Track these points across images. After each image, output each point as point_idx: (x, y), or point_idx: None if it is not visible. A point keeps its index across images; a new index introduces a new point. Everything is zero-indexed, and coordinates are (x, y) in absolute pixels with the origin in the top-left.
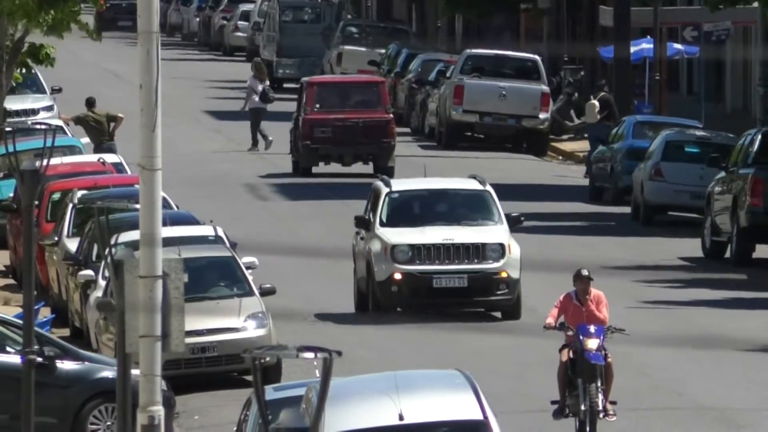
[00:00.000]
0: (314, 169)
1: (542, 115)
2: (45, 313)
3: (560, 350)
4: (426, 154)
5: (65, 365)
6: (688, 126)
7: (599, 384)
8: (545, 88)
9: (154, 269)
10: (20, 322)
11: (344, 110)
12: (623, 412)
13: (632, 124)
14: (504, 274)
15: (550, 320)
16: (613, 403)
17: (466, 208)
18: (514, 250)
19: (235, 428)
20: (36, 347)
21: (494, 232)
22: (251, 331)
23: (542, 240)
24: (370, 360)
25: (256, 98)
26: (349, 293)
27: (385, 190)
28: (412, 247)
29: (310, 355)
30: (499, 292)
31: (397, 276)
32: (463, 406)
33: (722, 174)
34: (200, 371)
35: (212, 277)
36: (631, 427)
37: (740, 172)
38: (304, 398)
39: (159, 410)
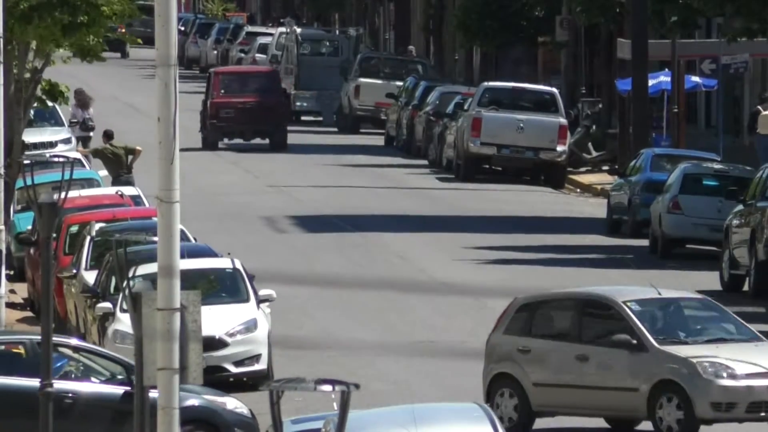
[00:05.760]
0: (220, 144)
1: (560, 148)
2: None
3: None
4: (443, 187)
5: (152, 394)
6: (706, 159)
7: None
8: (563, 120)
9: (172, 302)
10: (104, 351)
11: (245, 95)
12: None
13: (650, 157)
14: None
15: None
16: None
17: None
18: None
19: None
20: (121, 376)
21: None
22: None
23: (561, 273)
24: (388, 393)
25: (77, 128)
26: (367, 324)
27: None
28: None
29: (327, 388)
30: None
31: None
32: None
33: (740, 207)
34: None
35: None
36: None
37: (758, 205)
38: (322, 431)
39: None
